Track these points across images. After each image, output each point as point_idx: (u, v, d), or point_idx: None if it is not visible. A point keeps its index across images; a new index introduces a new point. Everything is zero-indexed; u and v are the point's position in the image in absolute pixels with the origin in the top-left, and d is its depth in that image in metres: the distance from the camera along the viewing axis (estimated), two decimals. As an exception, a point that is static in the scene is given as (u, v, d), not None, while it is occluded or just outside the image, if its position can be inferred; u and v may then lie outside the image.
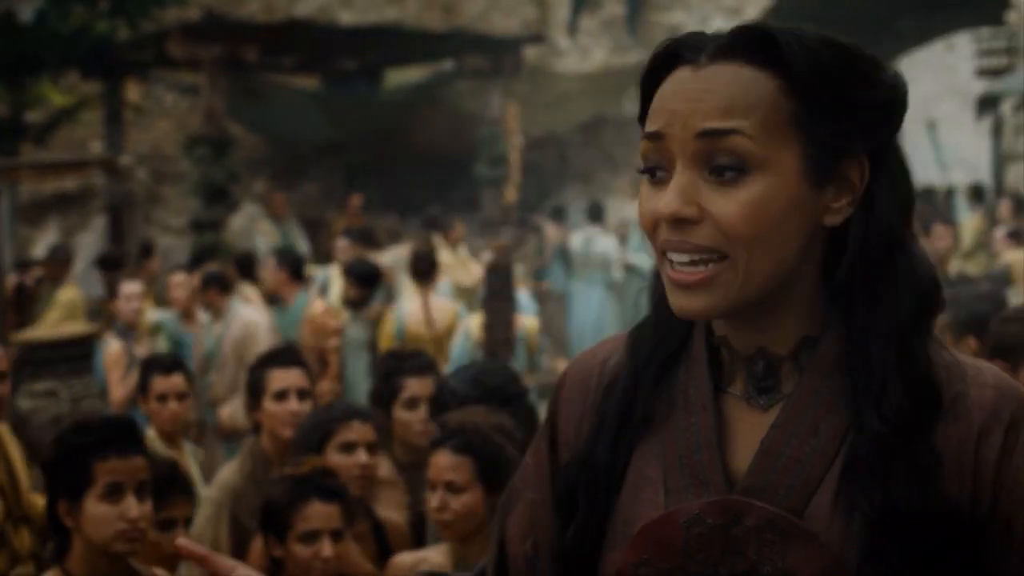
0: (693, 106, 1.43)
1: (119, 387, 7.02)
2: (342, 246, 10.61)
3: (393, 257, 10.84)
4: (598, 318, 13.01)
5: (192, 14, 14.17)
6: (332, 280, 9.95)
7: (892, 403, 1.41)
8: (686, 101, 1.44)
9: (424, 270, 8.25)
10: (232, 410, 6.97)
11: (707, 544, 1.43)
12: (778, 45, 1.44)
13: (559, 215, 15.72)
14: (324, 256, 12.60)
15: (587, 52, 18.16)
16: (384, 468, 4.18)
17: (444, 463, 3.40)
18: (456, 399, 3.76)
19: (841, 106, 1.43)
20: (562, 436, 1.62)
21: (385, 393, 4.53)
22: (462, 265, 10.83)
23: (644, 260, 13.51)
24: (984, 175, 21.06)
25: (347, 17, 16.84)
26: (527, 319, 8.28)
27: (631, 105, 17.71)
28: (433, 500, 3.40)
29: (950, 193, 18.02)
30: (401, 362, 4.61)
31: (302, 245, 13.63)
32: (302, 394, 4.44)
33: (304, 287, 8.29)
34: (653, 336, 1.57)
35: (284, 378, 4.43)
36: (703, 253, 1.44)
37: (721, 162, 1.42)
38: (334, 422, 3.92)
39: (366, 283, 7.52)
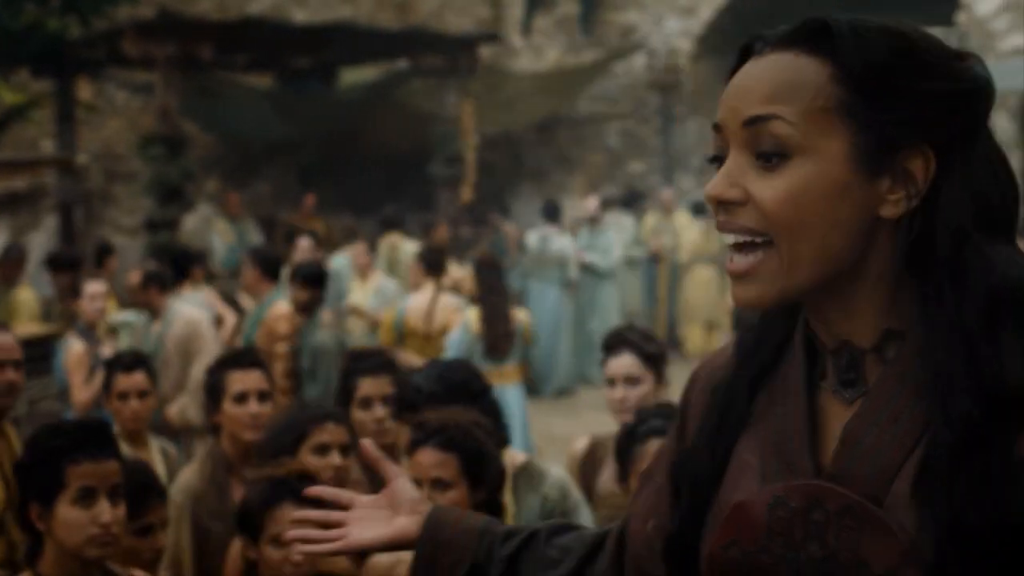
0: (743, 95, 1.48)
1: (82, 389, 6.97)
2: (303, 246, 10.59)
3: (339, 261, 10.86)
4: (554, 317, 13.05)
5: (145, 12, 14.06)
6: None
7: (959, 411, 1.39)
8: (739, 91, 1.49)
9: (434, 264, 8.52)
10: (181, 407, 6.97)
11: (789, 527, 1.45)
12: (832, 34, 1.45)
13: (505, 213, 15.77)
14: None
15: (541, 51, 18.18)
16: (355, 470, 4.19)
17: (429, 461, 3.40)
18: (422, 396, 3.79)
19: (897, 96, 1.43)
20: (687, 427, 1.67)
21: (342, 393, 4.56)
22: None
23: (599, 259, 13.56)
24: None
25: (300, 15, 16.77)
26: (521, 313, 8.51)
27: (585, 104, 17.84)
28: None
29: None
30: (357, 362, 4.64)
31: (258, 244, 13.59)
32: (262, 396, 4.43)
33: (277, 286, 8.27)
34: (757, 331, 1.61)
35: (243, 380, 4.42)
36: (747, 235, 1.47)
37: (765, 148, 1.45)
38: (308, 424, 3.92)
39: (314, 285, 7.42)
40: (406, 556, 3.56)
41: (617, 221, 14.69)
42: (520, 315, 8.40)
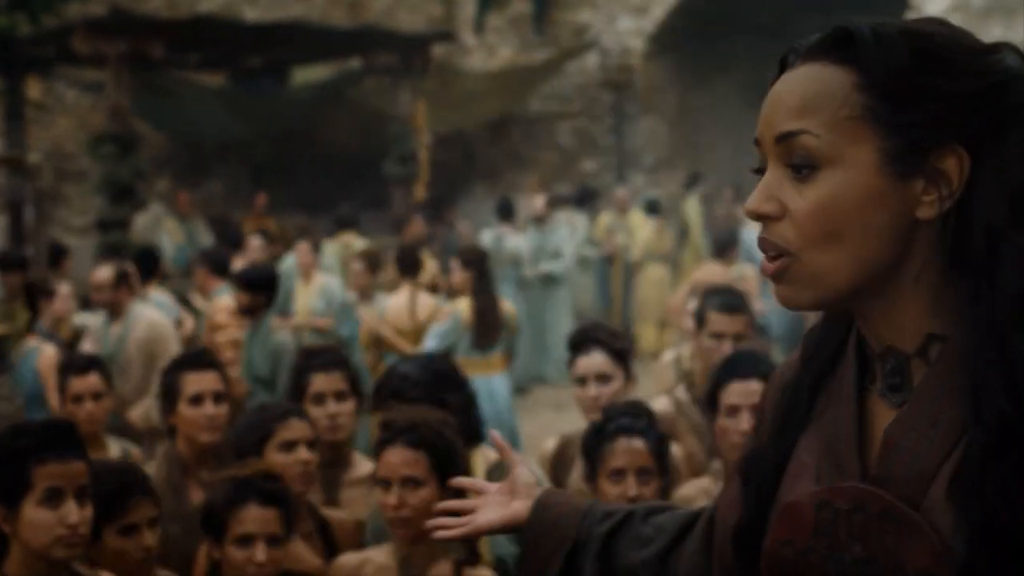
0: (774, 110, 1.51)
1: (57, 393, 6.90)
2: (254, 246, 10.55)
3: (290, 261, 10.83)
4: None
5: (96, 10, 13.95)
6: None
7: (992, 411, 1.39)
8: (771, 106, 1.51)
9: (409, 265, 8.85)
10: (145, 409, 6.91)
11: (834, 528, 1.48)
12: (855, 41, 1.46)
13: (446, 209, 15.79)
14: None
15: (494, 50, 18.18)
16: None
17: (400, 459, 3.41)
18: (408, 383, 3.83)
19: (921, 97, 1.43)
20: (762, 424, 1.71)
21: (294, 389, 4.55)
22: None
23: (556, 266, 13.55)
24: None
25: (252, 14, 16.69)
26: (507, 305, 8.70)
27: (538, 103, 17.84)
28: (390, 498, 3.41)
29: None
30: (310, 359, 4.63)
31: (208, 244, 13.52)
32: (218, 397, 4.41)
33: (226, 282, 8.27)
34: (820, 333, 1.63)
35: (199, 382, 4.40)
36: (773, 250, 1.50)
37: (796, 161, 1.48)
38: (272, 422, 3.92)
39: (256, 289, 7.30)
40: (373, 556, 3.59)
41: (570, 220, 14.71)
42: (506, 305, 8.66)
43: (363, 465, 4.54)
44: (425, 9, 18.11)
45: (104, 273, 7.52)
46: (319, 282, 10.21)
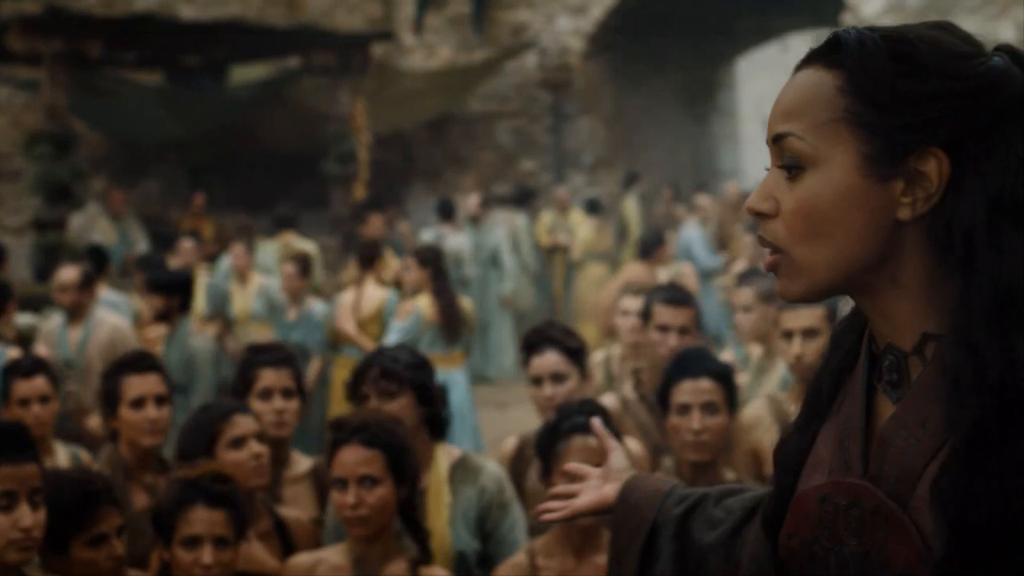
0: (772, 113, 1.56)
1: None
2: (185, 248, 10.45)
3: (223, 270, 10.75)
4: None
5: (31, 7, 13.77)
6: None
7: (966, 414, 1.41)
8: (772, 110, 1.57)
9: (368, 259, 9.11)
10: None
11: (834, 522, 1.53)
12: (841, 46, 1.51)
13: (400, 207, 15.75)
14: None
15: (433, 50, 18.16)
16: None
17: (356, 457, 3.42)
18: (399, 364, 3.94)
19: (900, 101, 1.47)
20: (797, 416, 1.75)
21: (240, 384, 4.54)
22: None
23: (507, 287, 13.52)
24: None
25: (188, 12, 16.57)
26: (465, 301, 8.99)
27: (477, 102, 17.84)
28: (347, 497, 3.41)
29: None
30: (259, 354, 4.62)
31: (142, 244, 13.40)
32: (160, 400, 4.39)
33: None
34: (841, 329, 1.67)
35: (141, 385, 4.37)
36: (768, 246, 1.57)
37: (786, 162, 1.54)
38: (217, 422, 3.92)
39: (169, 292, 7.15)
40: (327, 556, 3.59)
41: (509, 220, 14.72)
42: (464, 302, 8.93)
43: (302, 462, 4.55)
44: (364, 9, 18.06)
45: (70, 274, 7.37)
46: (256, 283, 10.13)
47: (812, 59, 1.57)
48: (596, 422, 2.36)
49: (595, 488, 2.12)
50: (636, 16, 17.50)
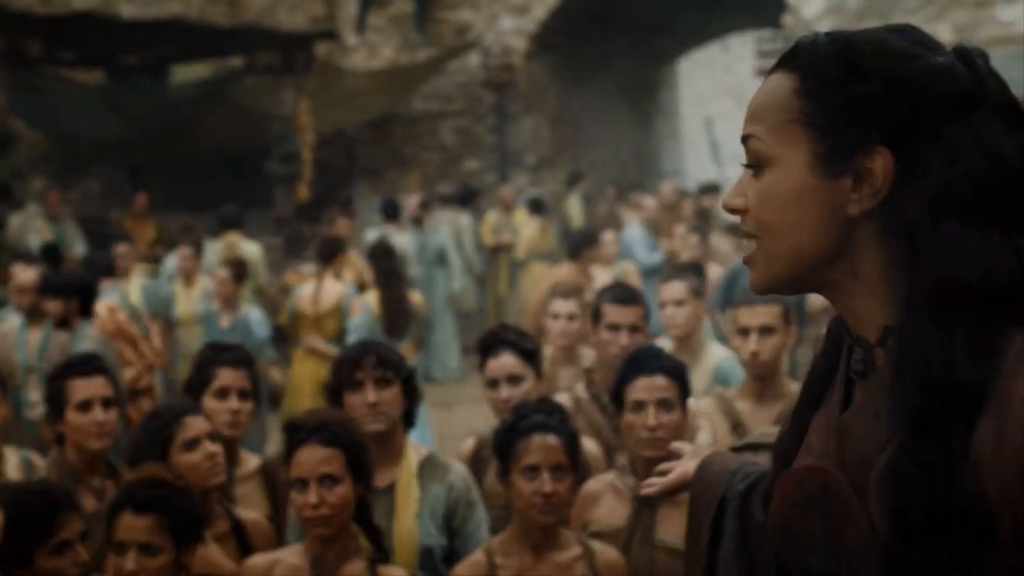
0: (745, 115, 1.64)
1: None
2: (122, 252, 10.32)
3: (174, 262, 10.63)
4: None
5: (-32, 6, 13.63)
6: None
7: (907, 403, 1.47)
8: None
9: (328, 254, 9.26)
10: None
11: (804, 504, 1.59)
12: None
13: (347, 207, 15.67)
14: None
15: (376, 49, 18.12)
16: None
17: (317, 457, 3.42)
18: (392, 354, 4.09)
19: (844, 102, 1.54)
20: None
21: (196, 382, 4.52)
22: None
23: (455, 285, 13.51)
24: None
25: (128, 11, 16.43)
26: (415, 296, 9.10)
27: (420, 102, 17.81)
28: (309, 497, 3.41)
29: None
30: (217, 353, 4.61)
31: (79, 245, 13.26)
32: (107, 403, 4.35)
33: (114, 281, 8.10)
34: (835, 323, 1.72)
35: (87, 388, 4.33)
36: (748, 237, 1.63)
37: (751, 161, 1.61)
38: (169, 425, 3.88)
39: (66, 295, 6.99)
40: (284, 556, 3.58)
41: (453, 219, 14.72)
42: (415, 297, 9.05)
43: (251, 460, 4.54)
44: (306, 8, 17.98)
45: (28, 275, 7.22)
46: (201, 285, 10.05)
47: (778, 63, 1.63)
48: (691, 402, 2.51)
49: (682, 465, 2.18)
50: (579, 16, 17.56)
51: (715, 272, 10.01)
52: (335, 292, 9.21)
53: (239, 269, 9.23)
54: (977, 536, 1.41)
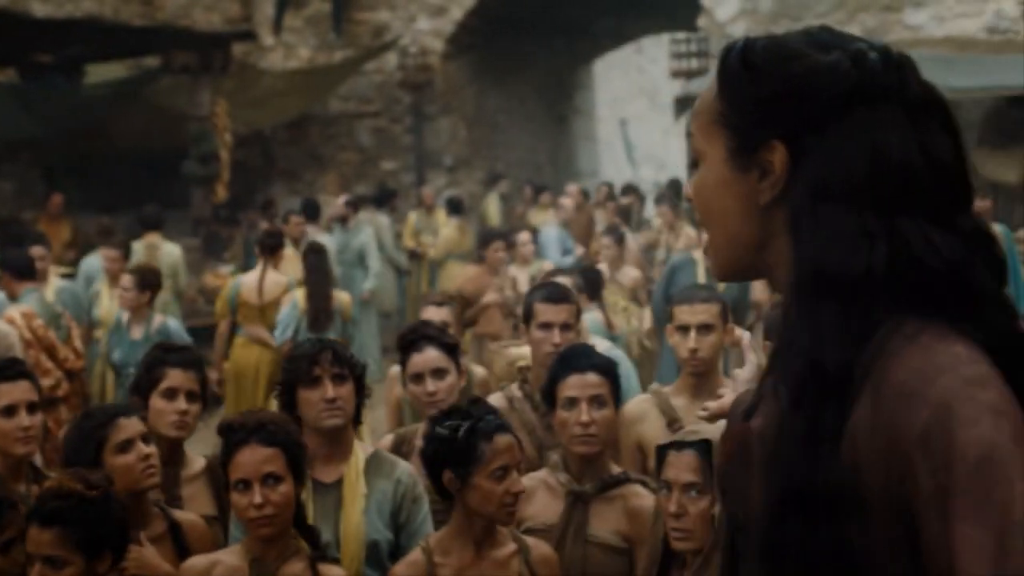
0: None
1: None
2: (37, 254, 10.16)
3: (91, 262, 10.46)
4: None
5: None
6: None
7: (782, 382, 1.59)
8: None
9: (270, 246, 9.58)
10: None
11: (734, 459, 1.74)
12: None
13: (268, 208, 15.60)
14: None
15: (292, 50, 18.07)
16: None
17: (258, 457, 3.43)
18: (347, 351, 4.20)
19: (744, 102, 1.67)
20: None
21: (145, 382, 4.50)
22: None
23: (373, 284, 13.48)
24: (673, 172, 22.01)
25: (41, 9, 16.23)
26: (342, 294, 9.54)
27: (337, 103, 17.77)
28: (253, 497, 3.42)
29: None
30: (166, 354, 4.59)
31: (-10, 246, 13.07)
32: (32, 407, 4.32)
33: (34, 284, 8.03)
34: None
35: (11, 393, 4.29)
36: (701, 226, 1.78)
37: (692, 156, 1.77)
38: (101, 428, 3.85)
39: None
40: (222, 557, 3.60)
41: (372, 220, 14.72)
42: (341, 295, 9.45)
43: (197, 461, 4.52)
44: (222, 8, 17.88)
45: None
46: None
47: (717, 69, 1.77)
48: (744, 335, 2.63)
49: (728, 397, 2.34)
50: (495, 17, 17.63)
51: (632, 274, 10.13)
52: (279, 283, 9.49)
53: (145, 277, 8.54)
54: (850, 512, 1.49)
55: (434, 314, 5.88)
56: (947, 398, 1.44)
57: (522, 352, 6.57)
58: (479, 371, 6.20)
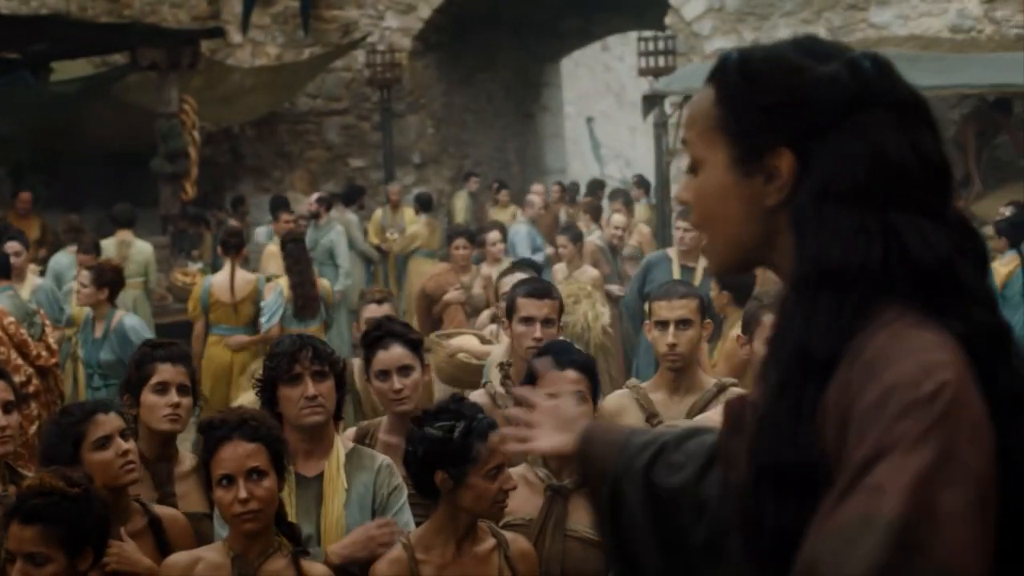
0: None
1: None
2: (13, 249, 10.12)
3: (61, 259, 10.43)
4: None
5: None
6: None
7: (770, 369, 1.68)
8: None
9: (232, 245, 9.81)
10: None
11: (734, 425, 1.87)
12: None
13: (238, 206, 15.57)
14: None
15: (261, 47, 18.03)
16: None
17: (241, 452, 3.44)
18: (327, 348, 4.19)
19: (748, 110, 1.74)
20: None
21: (135, 378, 4.51)
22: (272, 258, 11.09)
23: (345, 283, 13.49)
24: (639, 169, 22.07)
25: (6, 5, 16.15)
26: (323, 282, 9.87)
27: (305, 100, 17.74)
28: (238, 492, 3.43)
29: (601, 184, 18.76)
30: (155, 350, 4.60)
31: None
32: (6, 407, 4.31)
33: (8, 283, 7.99)
34: None
35: None
36: (695, 229, 1.88)
37: (690, 162, 1.83)
38: (79, 425, 3.85)
39: None
40: (205, 554, 3.61)
41: (340, 217, 14.71)
42: (323, 282, 9.83)
43: (189, 458, 4.53)
44: (190, 4, 17.83)
45: None
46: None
47: (709, 76, 1.82)
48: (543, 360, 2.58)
49: (551, 432, 2.27)
50: (464, 15, 17.64)
51: (590, 272, 10.19)
52: (249, 280, 9.78)
53: (103, 273, 8.32)
54: (822, 490, 1.54)
55: (375, 311, 5.89)
56: (895, 382, 1.52)
57: (461, 343, 6.60)
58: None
